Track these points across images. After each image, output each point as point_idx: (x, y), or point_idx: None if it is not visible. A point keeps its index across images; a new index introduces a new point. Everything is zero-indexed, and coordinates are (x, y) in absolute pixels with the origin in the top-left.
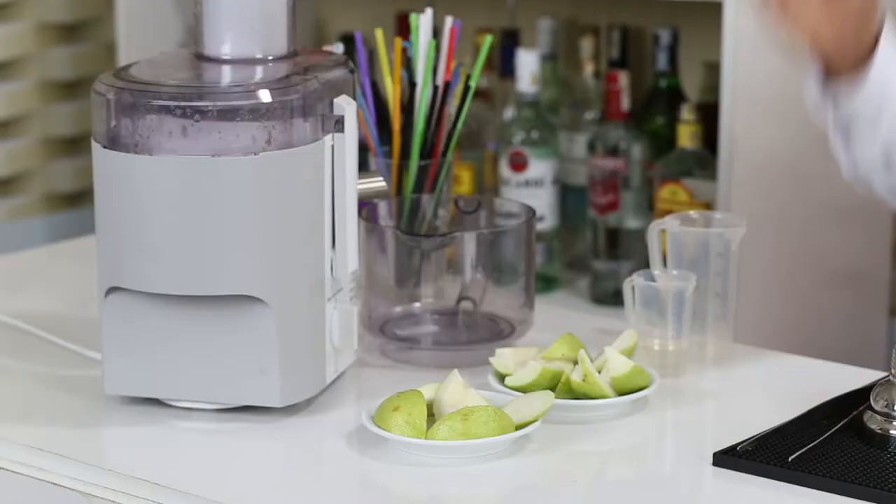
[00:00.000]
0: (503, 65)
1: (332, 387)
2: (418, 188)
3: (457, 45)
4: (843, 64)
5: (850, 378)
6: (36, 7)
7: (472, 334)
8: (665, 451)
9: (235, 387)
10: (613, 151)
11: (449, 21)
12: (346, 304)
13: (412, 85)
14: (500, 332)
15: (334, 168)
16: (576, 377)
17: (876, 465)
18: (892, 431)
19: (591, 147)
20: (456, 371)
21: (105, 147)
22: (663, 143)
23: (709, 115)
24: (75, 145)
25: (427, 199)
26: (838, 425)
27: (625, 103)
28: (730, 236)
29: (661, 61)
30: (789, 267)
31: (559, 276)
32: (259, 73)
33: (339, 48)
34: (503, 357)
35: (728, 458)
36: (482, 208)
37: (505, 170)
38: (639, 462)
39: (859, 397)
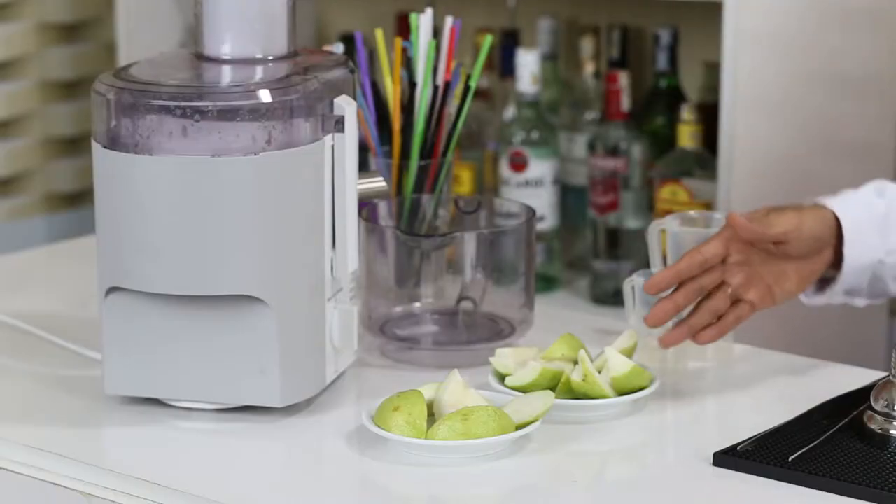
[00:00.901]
0: (503, 65)
1: (332, 387)
2: (418, 188)
3: (457, 45)
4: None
5: (850, 378)
6: (36, 7)
7: (472, 334)
8: (665, 451)
9: (235, 387)
10: (613, 151)
11: (449, 21)
12: (346, 304)
13: (412, 85)
14: (500, 332)
15: (334, 168)
16: (576, 377)
17: (876, 465)
18: (892, 431)
19: (591, 147)
20: (456, 371)
21: (105, 147)
22: (663, 143)
23: (709, 115)
24: (75, 145)
25: (427, 199)
26: (838, 425)
27: (625, 103)
28: None
29: (661, 61)
30: None
31: (559, 276)
32: (259, 73)
33: (339, 48)
34: (503, 357)
35: (728, 458)
36: (482, 208)
37: (505, 170)
38: (639, 462)
39: (859, 397)
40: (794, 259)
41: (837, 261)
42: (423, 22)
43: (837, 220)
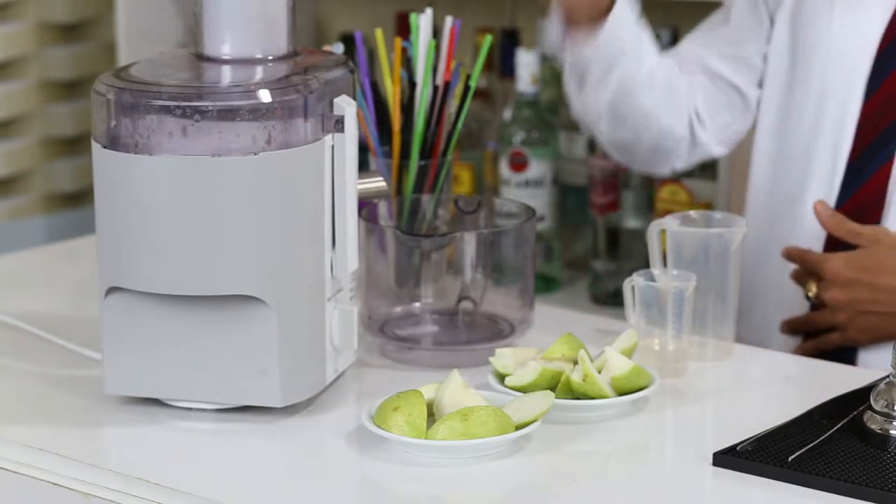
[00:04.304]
0: (503, 65)
1: (332, 387)
2: (418, 188)
3: (457, 45)
4: (583, 16)
5: (850, 378)
6: (36, 7)
7: (472, 334)
8: (665, 451)
9: (235, 387)
10: None
11: (449, 21)
12: (346, 304)
13: (412, 85)
14: (500, 332)
15: (334, 168)
16: (576, 377)
17: (876, 465)
18: (892, 431)
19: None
20: (456, 371)
21: (105, 147)
22: None
23: None
24: (75, 145)
25: (427, 199)
26: (838, 425)
27: None
28: (730, 236)
29: None
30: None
31: (559, 276)
32: (259, 73)
33: (339, 48)
34: (503, 357)
35: (728, 458)
36: (482, 208)
37: (505, 170)
38: (639, 462)
39: (859, 397)
40: None
41: None
42: (422, 22)
43: None
